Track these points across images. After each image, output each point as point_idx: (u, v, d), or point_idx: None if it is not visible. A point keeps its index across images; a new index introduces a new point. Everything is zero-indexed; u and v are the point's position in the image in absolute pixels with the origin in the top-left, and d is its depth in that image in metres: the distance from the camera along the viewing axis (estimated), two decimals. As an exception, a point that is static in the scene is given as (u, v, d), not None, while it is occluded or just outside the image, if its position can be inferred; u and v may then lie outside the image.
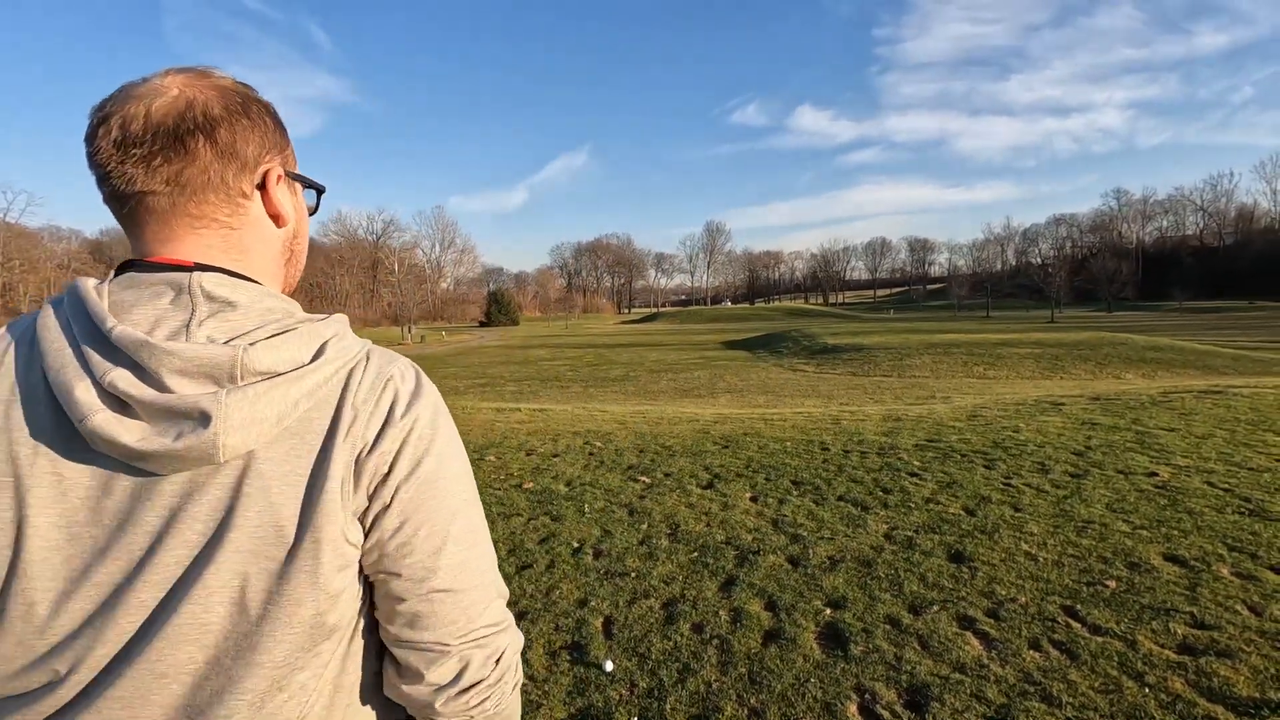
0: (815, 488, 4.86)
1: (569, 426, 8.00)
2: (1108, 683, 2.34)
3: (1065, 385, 15.41)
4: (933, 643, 2.67)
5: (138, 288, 0.61)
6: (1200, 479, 4.62)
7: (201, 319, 0.60)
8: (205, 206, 0.64)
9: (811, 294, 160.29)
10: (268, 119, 0.69)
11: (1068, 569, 3.28)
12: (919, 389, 15.87)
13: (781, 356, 29.74)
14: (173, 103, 0.62)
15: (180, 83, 0.64)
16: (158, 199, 0.63)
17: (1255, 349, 25.60)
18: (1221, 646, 2.52)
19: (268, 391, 0.58)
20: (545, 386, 20.96)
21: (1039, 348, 23.26)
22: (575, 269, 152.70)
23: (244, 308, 0.62)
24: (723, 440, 6.68)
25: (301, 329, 0.63)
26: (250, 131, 0.66)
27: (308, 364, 0.61)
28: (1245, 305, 72.40)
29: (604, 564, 3.65)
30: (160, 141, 0.61)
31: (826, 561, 3.53)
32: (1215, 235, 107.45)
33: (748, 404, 13.38)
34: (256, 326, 0.62)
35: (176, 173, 0.62)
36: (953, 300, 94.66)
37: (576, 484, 5.28)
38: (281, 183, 0.70)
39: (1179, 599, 2.91)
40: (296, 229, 0.73)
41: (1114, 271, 79.27)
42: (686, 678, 2.52)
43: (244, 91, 0.68)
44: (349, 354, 0.65)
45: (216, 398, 0.56)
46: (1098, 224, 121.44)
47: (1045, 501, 4.30)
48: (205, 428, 0.56)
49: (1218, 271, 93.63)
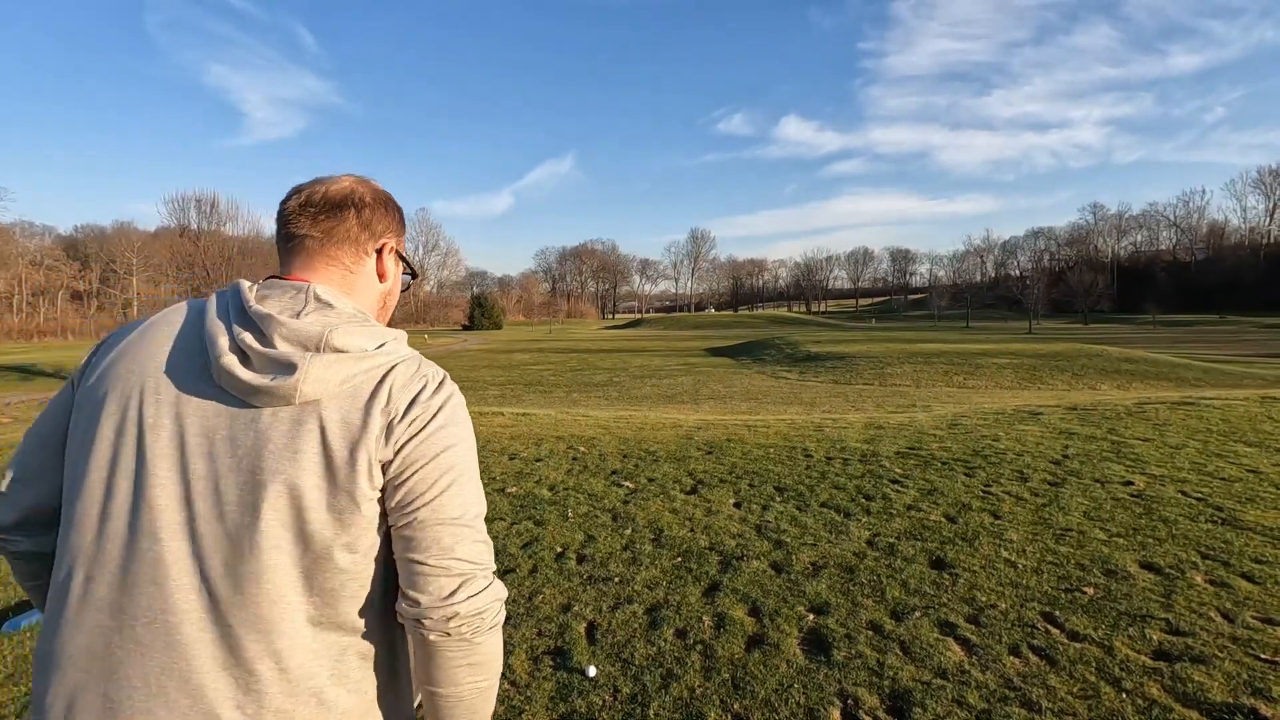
0: (799, 494, 4.88)
1: (552, 431, 7.96)
2: (1086, 688, 2.37)
3: (1043, 395, 15.63)
4: (915, 648, 2.68)
5: (275, 289, 0.91)
6: (1174, 488, 4.70)
7: (309, 311, 0.88)
8: (339, 253, 0.97)
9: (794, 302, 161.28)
10: (396, 214, 1.05)
11: (1046, 576, 3.32)
12: (900, 397, 16.02)
13: (765, 364, 29.89)
14: (341, 188, 0.98)
15: (351, 180, 1.00)
16: (313, 241, 0.96)
17: (1225, 362, 26.20)
18: (1196, 653, 2.56)
19: (337, 362, 0.84)
20: (528, 391, 20.86)
21: (1017, 358, 23.61)
22: (560, 274, 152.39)
23: (338, 310, 0.91)
24: (706, 446, 6.68)
25: (372, 329, 0.90)
26: (383, 217, 1.01)
27: (369, 351, 0.87)
28: (1215, 319, 74.10)
29: (587, 569, 3.63)
30: (327, 208, 0.96)
31: (809, 567, 3.54)
32: (1187, 251, 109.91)
33: (731, 410, 13.41)
34: (344, 322, 0.89)
35: (330, 228, 0.96)
36: (933, 310, 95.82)
37: (560, 489, 5.25)
38: (391, 254, 1.03)
39: (1154, 606, 2.96)
40: (391, 288, 1.06)
41: (1090, 284, 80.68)
42: (670, 683, 2.51)
43: (387, 194, 1.04)
44: (399, 353, 0.91)
45: (304, 357, 0.82)
46: (1074, 238, 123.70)
47: (1024, 509, 4.35)
48: (291, 375, 0.81)
49: (1189, 286, 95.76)
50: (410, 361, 0.91)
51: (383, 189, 1.03)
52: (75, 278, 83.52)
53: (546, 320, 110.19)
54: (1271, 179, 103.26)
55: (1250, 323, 67.16)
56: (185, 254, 29.25)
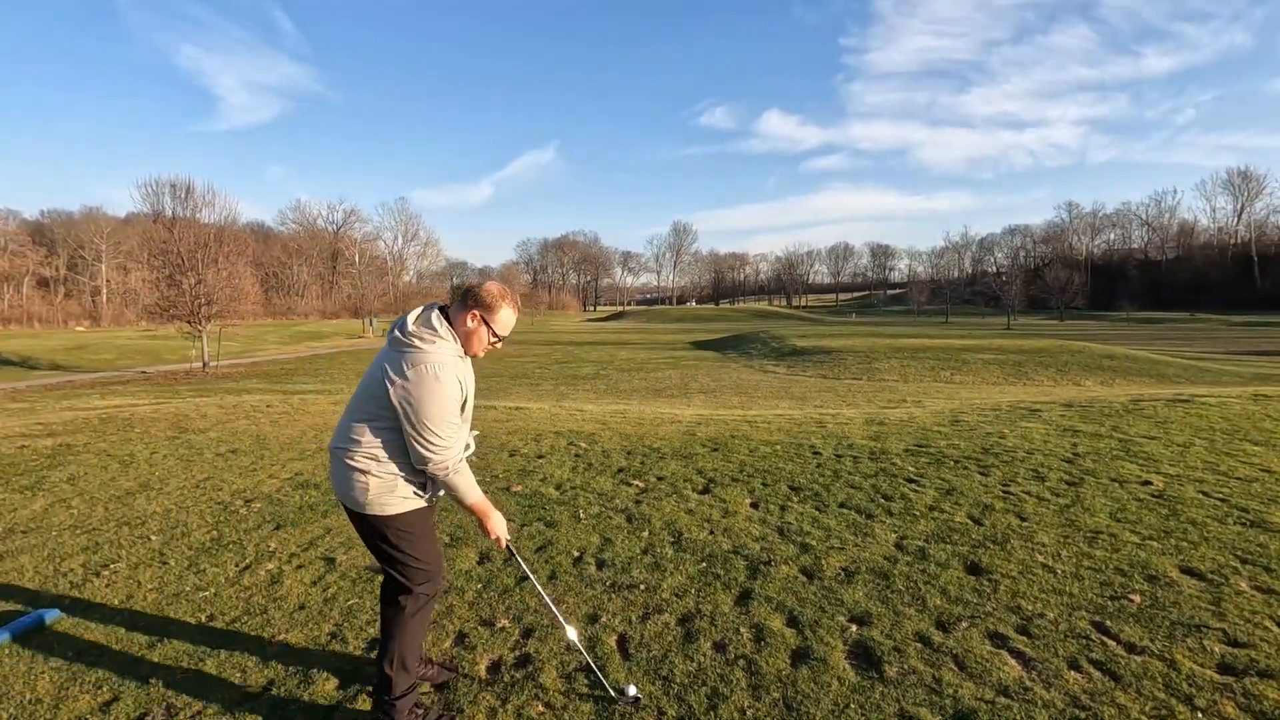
0: (815, 494, 4.74)
1: (550, 426, 7.76)
2: (1158, 706, 2.24)
3: (1030, 391, 15.72)
4: (969, 663, 2.54)
5: (426, 309, 2.31)
6: (1194, 488, 4.64)
7: (415, 320, 2.27)
8: (459, 313, 2.30)
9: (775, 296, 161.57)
10: (496, 303, 2.32)
11: (1088, 582, 3.20)
12: (889, 392, 16.02)
13: (751, 358, 29.85)
14: (475, 284, 2.39)
15: (492, 284, 2.40)
16: (450, 301, 2.40)
17: (1200, 359, 26.68)
18: (1262, 666, 2.46)
19: (411, 342, 2.20)
20: (515, 384, 20.57)
21: (1002, 354, 23.80)
22: (541, 265, 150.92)
23: (436, 326, 2.24)
24: (710, 442, 6.53)
25: (437, 332, 2.23)
26: (483, 304, 2.30)
27: (416, 346, 2.20)
28: (1186, 317, 75.63)
29: (609, 575, 3.45)
30: (461, 295, 2.36)
31: (841, 573, 3.40)
32: (1159, 249, 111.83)
33: (723, 405, 13.29)
34: (431, 329, 2.23)
35: (460, 300, 2.35)
36: (912, 306, 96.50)
37: (567, 487, 5.06)
38: (477, 320, 2.29)
39: (1206, 614, 2.85)
40: (474, 332, 2.30)
41: (1066, 281, 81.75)
42: (718, 704, 2.34)
43: (502, 291, 2.35)
44: (419, 351, 2.19)
45: (400, 337, 2.23)
46: (1050, 235, 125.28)
47: (1049, 510, 4.25)
48: (396, 337, 2.25)
49: (1160, 284, 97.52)
50: (426, 354, 2.20)
51: (504, 289, 2.39)
52: (42, 264, 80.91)
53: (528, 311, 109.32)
54: (1240, 180, 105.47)
55: (1218, 321, 68.70)
56: (159, 240, 28.29)
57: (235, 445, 7.08)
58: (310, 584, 3.48)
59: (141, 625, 3.08)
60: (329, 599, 3.28)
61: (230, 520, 4.59)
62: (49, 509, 4.95)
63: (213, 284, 26.60)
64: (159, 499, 5.14)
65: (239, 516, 4.66)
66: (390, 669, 2.23)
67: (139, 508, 4.92)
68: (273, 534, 4.28)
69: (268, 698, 2.49)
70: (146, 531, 4.39)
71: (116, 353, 36.37)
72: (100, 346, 38.41)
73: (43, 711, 2.43)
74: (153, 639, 2.93)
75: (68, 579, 3.65)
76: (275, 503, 4.94)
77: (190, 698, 2.49)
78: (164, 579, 3.60)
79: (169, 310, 26.68)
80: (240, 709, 2.42)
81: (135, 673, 2.67)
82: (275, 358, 36.37)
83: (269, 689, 2.54)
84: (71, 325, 64.31)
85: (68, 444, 7.25)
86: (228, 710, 2.41)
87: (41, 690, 2.56)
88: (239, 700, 2.48)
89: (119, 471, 6.04)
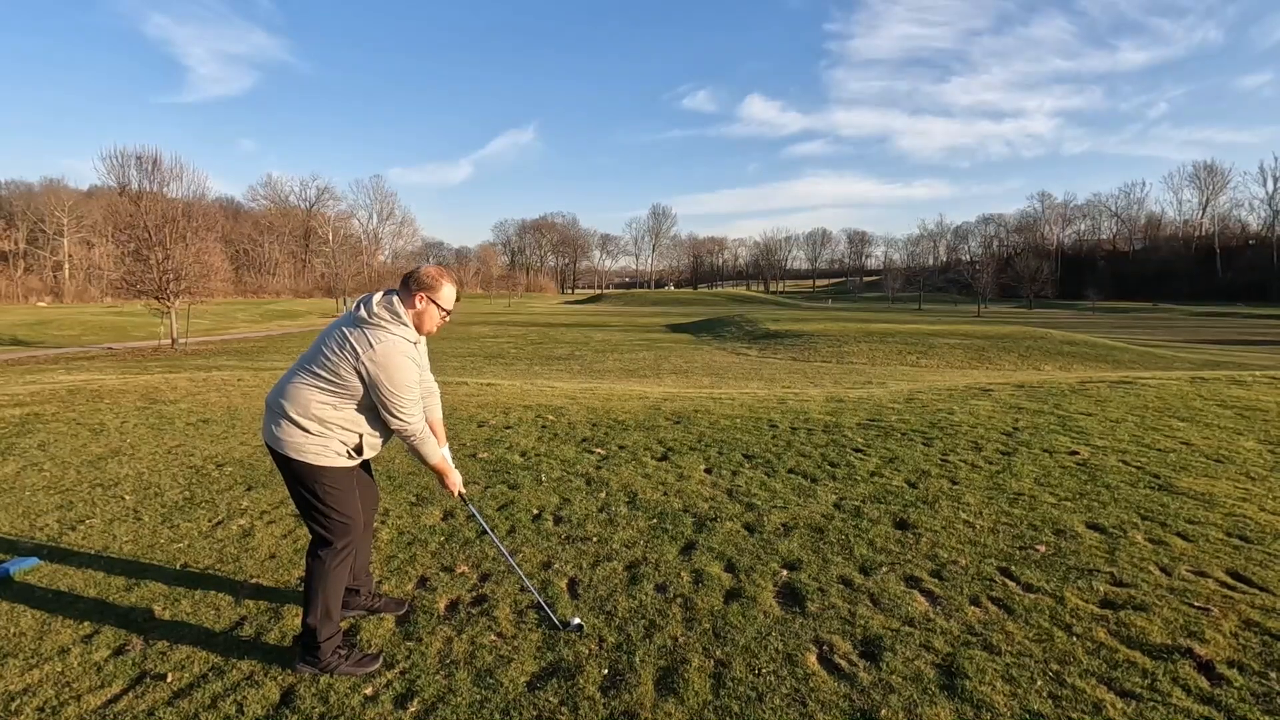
0: (766, 461, 5.02)
1: (519, 400, 7.95)
2: (1040, 633, 2.55)
3: (991, 374, 16.26)
4: (883, 600, 2.83)
5: (386, 294, 2.53)
6: (1116, 458, 5.00)
7: (379, 301, 2.48)
8: (407, 298, 2.52)
9: (753, 281, 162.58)
10: (437, 283, 2.54)
11: (1002, 535, 3.52)
12: (857, 374, 16.44)
13: (725, 340, 30.21)
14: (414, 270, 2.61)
15: (428, 267, 2.64)
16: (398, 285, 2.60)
17: (1157, 346, 27.62)
18: (1138, 601, 2.78)
19: (370, 320, 2.43)
20: (490, 363, 20.67)
21: (967, 339, 24.43)
22: (519, 246, 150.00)
23: (399, 312, 2.48)
24: (674, 416, 6.78)
25: (400, 318, 2.48)
26: (426, 286, 2.53)
27: (381, 324, 2.43)
28: (1150, 306, 77.82)
29: (565, 529, 3.69)
30: (404, 283, 2.55)
31: (781, 528, 3.67)
32: (1126, 240, 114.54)
33: (694, 384, 13.58)
34: (394, 314, 2.48)
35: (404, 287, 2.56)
36: (887, 292, 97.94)
37: (531, 454, 5.28)
38: (425, 301, 2.52)
39: (1100, 561, 3.18)
40: (424, 312, 2.53)
41: (1036, 270, 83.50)
42: (653, 633, 2.60)
43: (440, 271, 2.60)
44: (384, 329, 2.42)
45: (364, 316, 2.44)
46: (1023, 225, 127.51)
47: (980, 476, 4.58)
48: (360, 315, 2.45)
49: (1127, 274, 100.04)
50: (385, 333, 2.43)
51: (444, 271, 2.63)
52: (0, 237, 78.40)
53: (505, 293, 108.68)
54: (1205, 174, 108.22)
55: (1180, 311, 70.80)
56: (125, 214, 27.68)
57: (207, 415, 7.17)
58: (281, 536, 3.67)
59: (118, 570, 3.25)
60: (300, 549, 3.47)
61: (203, 482, 4.74)
62: (21, 472, 5.05)
63: (181, 260, 26.16)
64: (131, 463, 5.26)
65: (211, 479, 4.82)
66: (314, 619, 2.40)
67: (111, 471, 5.04)
68: (245, 494, 4.45)
69: (241, 631, 2.69)
70: (120, 492, 4.53)
71: (81, 329, 35.61)
72: (64, 322, 37.57)
73: (27, 643, 2.61)
74: (130, 583, 3.11)
75: (44, 533, 3.80)
76: (247, 467, 5.10)
77: (167, 631, 2.69)
78: (139, 533, 3.76)
79: (135, 286, 26.23)
80: (215, 640, 2.62)
81: (114, 611, 2.86)
82: (247, 335, 35.92)
83: (241, 624, 2.75)
84: (33, 301, 62.53)
85: (36, 413, 7.28)
86: (203, 642, 2.61)
87: (25, 625, 2.74)
88: (214, 633, 2.68)
89: (90, 439, 6.12)
